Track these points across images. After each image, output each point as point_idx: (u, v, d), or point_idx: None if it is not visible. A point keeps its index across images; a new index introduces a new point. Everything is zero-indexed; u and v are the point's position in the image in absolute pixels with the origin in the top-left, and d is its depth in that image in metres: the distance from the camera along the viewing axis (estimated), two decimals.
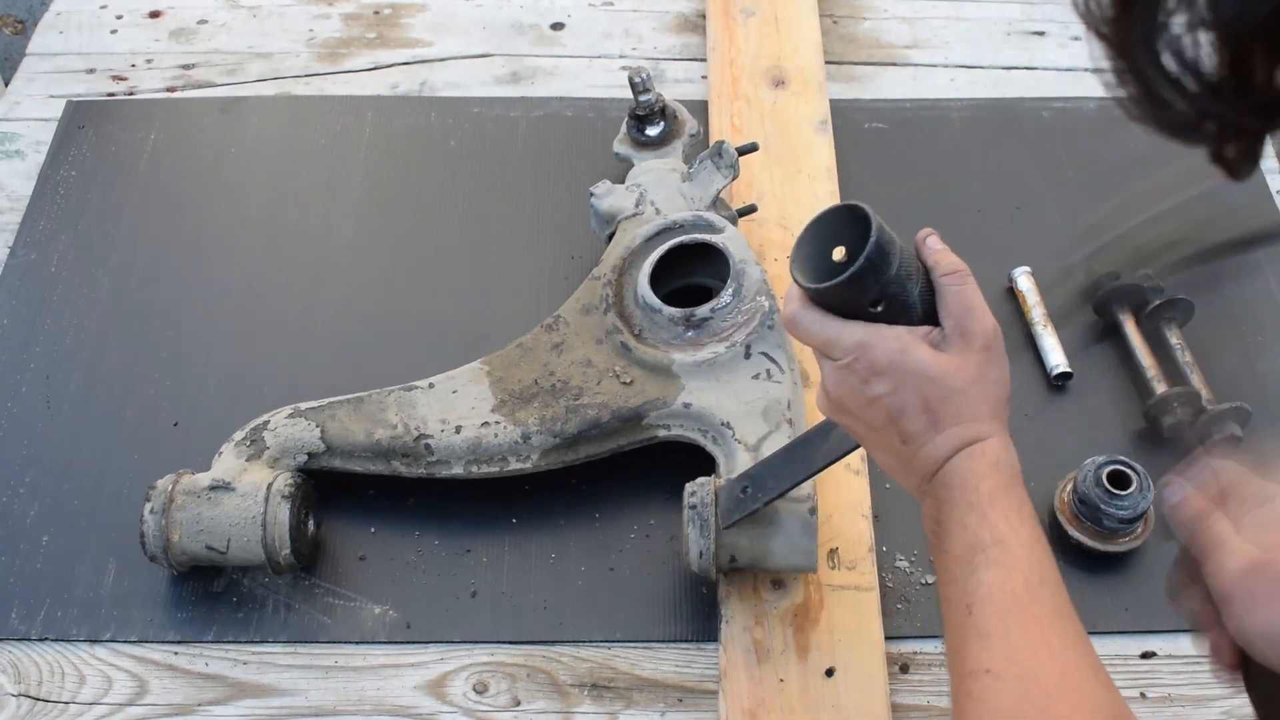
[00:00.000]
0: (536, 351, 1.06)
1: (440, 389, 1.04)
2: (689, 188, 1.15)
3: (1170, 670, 0.97)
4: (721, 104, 1.34)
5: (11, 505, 1.06)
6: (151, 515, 0.97)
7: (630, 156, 1.22)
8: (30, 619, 1.00)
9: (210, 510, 0.97)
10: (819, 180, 1.26)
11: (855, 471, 1.05)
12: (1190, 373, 1.11)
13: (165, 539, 0.96)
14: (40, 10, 1.56)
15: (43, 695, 0.96)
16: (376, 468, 1.03)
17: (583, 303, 1.08)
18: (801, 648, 0.95)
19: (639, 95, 1.18)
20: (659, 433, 1.03)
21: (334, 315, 1.20)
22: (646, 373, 1.03)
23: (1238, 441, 1.06)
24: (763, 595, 0.98)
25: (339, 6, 1.51)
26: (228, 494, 0.97)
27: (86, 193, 1.30)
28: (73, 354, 1.16)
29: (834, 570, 0.99)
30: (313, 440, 1.02)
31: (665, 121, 1.21)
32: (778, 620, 0.97)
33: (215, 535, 0.97)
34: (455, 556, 1.03)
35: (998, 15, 1.51)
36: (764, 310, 1.04)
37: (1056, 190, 1.30)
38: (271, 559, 0.97)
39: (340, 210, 1.29)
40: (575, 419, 1.01)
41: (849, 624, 0.97)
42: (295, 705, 0.96)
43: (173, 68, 1.43)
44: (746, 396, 1.01)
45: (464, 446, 1.01)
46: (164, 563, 0.98)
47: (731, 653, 0.95)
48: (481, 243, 1.25)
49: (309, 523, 1.00)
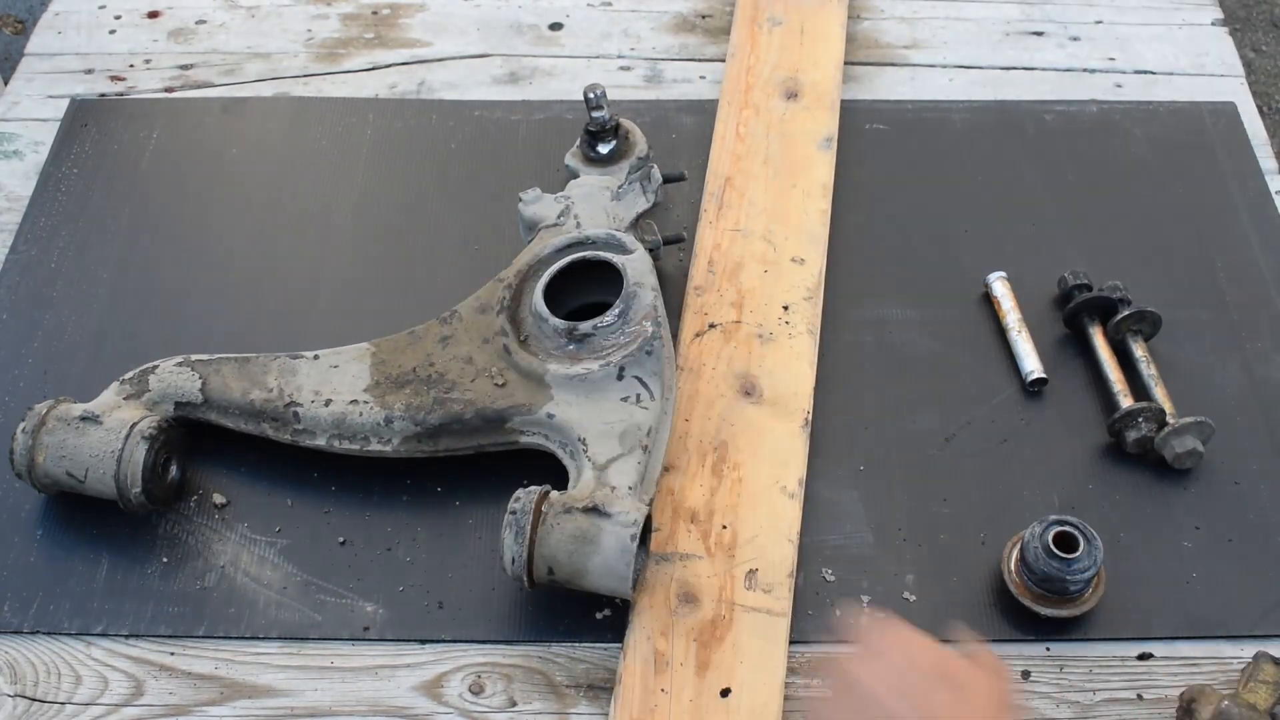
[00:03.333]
0: (425, 341, 1.08)
1: (323, 361, 1.07)
2: (615, 206, 1.15)
3: (1167, 672, 0.97)
4: (730, 110, 1.33)
5: (6, 499, 1.07)
6: (22, 434, 1.01)
7: (578, 170, 1.21)
8: (23, 612, 1.00)
9: (76, 439, 1.00)
10: (813, 197, 1.25)
11: (790, 495, 1.04)
12: (1154, 386, 1.11)
13: (30, 458, 1.01)
14: (40, 10, 1.56)
15: (39, 695, 0.96)
16: (247, 427, 1.06)
17: (481, 301, 1.09)
18: (702, 664, 0.94)
19: (592, 111, 1.18)
20: (520, 438, 1.04)
21: (334, 314, 1.20)
22: (520, 378, 1.04)
23: (1199, 457, 1.06)
24: (672, 606, 0.97)
25: (337, 7, 1.51)
26: (94, 426, 1.01)
27: (88, 190, 1.30)
28: (71, 350, 1.16)
29: (750, 591, 0.98)
30: (192, 390, 1.05)
31: (617, 140, 1.20)
32: (683, 633, 0.96)
33: (75, 463, 1.00)
34: (446, 556, 1.03)
35: (997, 15, 1.51)
36: (645, 335, 1.03)
37: (1057, 194, 1.30)
38: (122, 495, 1.00)
39: (340, 210, 1.29)
40: (439, 411, 1.03)
41: (754, 647, 0.95)
42: (291, 706, 0.96)
43: (171, 68, 1.44)
44: (609, 417, 1.02)
45: (329, 420, 1.04)
46: (28, 481, 1.02)
47: (631, 659, 0.95)
48: (482, 242, 1.25)
49: (171, 467, 1.04)
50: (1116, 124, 1.37)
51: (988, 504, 1.06)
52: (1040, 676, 0.97)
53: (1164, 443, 1.06)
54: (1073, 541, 0.96)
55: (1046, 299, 1.20)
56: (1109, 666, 0.98)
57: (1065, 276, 1.18)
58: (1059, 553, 0.95)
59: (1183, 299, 1.20)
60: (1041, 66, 1.44)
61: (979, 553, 1.03)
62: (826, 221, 1.23)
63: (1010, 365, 1.15)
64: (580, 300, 1.10)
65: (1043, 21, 1.50)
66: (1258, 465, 1.09)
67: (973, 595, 1.01)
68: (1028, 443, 1.10)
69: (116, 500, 1.01)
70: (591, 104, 1.18)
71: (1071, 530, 0.97)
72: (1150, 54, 1.46)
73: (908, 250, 1.25)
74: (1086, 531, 0.96)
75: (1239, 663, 0.97)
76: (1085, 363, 1.15)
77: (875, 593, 1.01)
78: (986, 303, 1.19)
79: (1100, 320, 1.16)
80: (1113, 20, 1.50)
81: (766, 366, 1.11)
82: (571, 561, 0.94)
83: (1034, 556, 0.96)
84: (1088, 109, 1.38)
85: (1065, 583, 0.96)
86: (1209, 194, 1.30)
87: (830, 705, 0.85)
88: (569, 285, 1.09)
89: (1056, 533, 0.96)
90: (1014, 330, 1.16)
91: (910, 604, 1.00)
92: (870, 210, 1.28)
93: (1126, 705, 0.95)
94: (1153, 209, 1.29)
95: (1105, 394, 1.12)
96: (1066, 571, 0.95)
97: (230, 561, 1.03)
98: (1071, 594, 0.97)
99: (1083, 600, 0.98)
